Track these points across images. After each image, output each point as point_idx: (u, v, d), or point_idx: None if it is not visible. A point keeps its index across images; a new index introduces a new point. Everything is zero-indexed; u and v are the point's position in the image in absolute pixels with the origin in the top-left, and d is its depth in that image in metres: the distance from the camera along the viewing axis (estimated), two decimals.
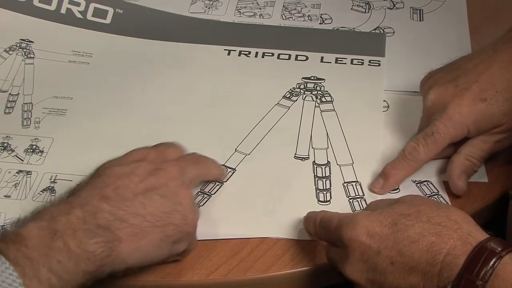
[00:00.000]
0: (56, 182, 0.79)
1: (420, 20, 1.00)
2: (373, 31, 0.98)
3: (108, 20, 1.00)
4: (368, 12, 1.02)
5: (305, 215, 0.73)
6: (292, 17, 1.02)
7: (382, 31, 0.98)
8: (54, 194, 0.78)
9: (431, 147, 0.76)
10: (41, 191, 0.79)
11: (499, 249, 0.58)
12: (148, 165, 0.68)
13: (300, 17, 1.02)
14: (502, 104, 0.75)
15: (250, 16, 1.02)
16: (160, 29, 1.00)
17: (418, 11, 1.02)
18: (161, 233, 0.65)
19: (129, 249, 0.63)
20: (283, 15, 1.02)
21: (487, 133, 0.76)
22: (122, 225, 0.63)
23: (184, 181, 0.69)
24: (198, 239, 0.72)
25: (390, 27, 0.99)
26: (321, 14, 1.02)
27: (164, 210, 0.65)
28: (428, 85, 0.80)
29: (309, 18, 1.01)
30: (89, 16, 1.00)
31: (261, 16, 1.02)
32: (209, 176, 0.78)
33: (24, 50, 0.96)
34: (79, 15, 1.00)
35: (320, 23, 1.00)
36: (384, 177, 0.77)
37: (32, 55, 0.96)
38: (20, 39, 0.98)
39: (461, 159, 0.76)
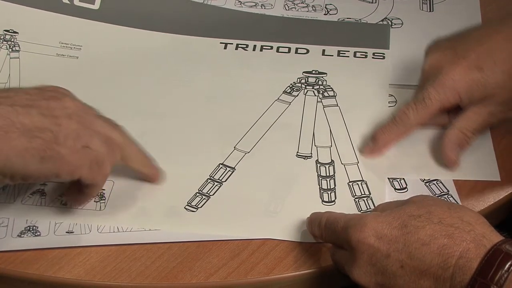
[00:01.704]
0: (46, 185, 0.80)
1: (430, 11, 1.02)
2: (380, 23, 1.00)
3: (96, 6, 1.01)
4: (376, 3, 1.03)
5: (309, 216, 0.74)
6: (295, 8, 1.03)
7: (390, 22, 0.99)
8: (44, 197, 0.78)
9: (421, 112, 0.80)
10: (30, 193, 0.79)
11: None
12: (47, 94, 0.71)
13: (304, 7, 1.03)
14: (497, 75, 0.77)
15: (251, 6, 1.03)
16: (154, 16, 1.00)
17: (428, 1, 1.03)
18: (27, 143, 0.66)
19: None
20: (286, 6, 1.03)
21: (479, 104, 0.79)
22: None
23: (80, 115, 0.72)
24: (197, 240, 0.73)
25: (398, 18, 1.00)
26: (326, 5, 1.03)
27: (37, 125, 0.67)
28: (430, 50, 0.83)
29: (313, 8, 1.02)
30: (76, 1, 1.00)
31: (262, 7, 1.03)
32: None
33: (9, 42, 0.95)
34: (65, 0, 1.00)
35: (325, 14, 1.01)
36: (373, 141, 0.81)
37: (17, 48, 0.95)
38: (4, 30, 0.97)
39: (455, 131, 0.80)
